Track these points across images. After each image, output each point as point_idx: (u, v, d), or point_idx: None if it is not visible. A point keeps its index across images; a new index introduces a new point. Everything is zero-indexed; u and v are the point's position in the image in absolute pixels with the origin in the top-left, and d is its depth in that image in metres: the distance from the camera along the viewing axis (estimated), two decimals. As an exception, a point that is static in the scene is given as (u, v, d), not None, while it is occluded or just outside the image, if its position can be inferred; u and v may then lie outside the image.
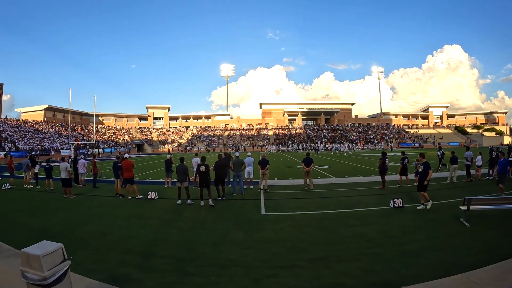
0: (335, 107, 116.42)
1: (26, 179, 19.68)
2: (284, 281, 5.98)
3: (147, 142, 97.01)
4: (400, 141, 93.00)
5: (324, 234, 8.89)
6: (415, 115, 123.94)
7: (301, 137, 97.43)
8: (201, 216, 11.35)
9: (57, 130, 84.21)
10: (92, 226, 10.18)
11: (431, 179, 11.98)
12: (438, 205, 11.97)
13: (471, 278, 5.67)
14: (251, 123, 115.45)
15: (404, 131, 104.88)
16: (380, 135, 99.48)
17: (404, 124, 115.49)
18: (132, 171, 15.06)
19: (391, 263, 6.62)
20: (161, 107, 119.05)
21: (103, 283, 5.91)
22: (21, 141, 64.49)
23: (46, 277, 3.86)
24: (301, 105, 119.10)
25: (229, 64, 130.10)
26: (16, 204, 14.16)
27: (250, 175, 17.22)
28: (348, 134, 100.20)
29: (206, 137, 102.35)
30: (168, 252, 7.63)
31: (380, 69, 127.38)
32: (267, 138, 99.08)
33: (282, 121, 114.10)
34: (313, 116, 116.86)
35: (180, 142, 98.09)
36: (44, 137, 73.78)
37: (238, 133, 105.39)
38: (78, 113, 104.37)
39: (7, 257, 7.25)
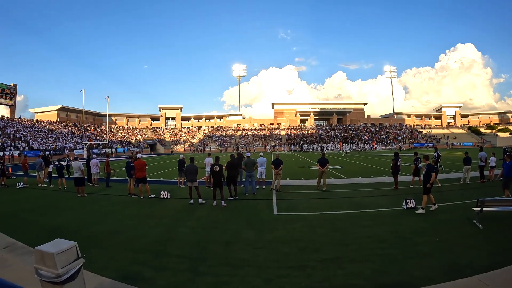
0: (347, 107, 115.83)
1: (40, 178, 19.88)
2: (296, 281, 5.95)
3: (160, 142, 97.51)
4: (413, 141, 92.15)
5: (336, 234, 8.82)
6: (428, 115, 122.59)
7: (313, 137, 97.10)
8: (214, 216, 11.36)
9: (71, 130, 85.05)
10: (105, 225, 10.25)
11: (443, 180, 11.82)
12: (451, 206, 11.86)
13: (483, 281, 5.59)
14: (263, 123, 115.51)
15: (417, 131, 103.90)
16: (393, 135, 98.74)
17: (417, 124, 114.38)
18: (145, 171, 15.15)
19: (403, 264, 6.55)
20: (174, 107, 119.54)
21: (116, 281, 5.94)
22: (35, 141, 65.20)
23: (60, 274, 3.89)
24: (313, 105, 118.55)
25: (241, 64, 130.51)
26: (30, 203, 14.31)
27: (262, 175, 17.18)
28: (361, 134, 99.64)
29: (218, 137, 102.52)
30: (180, 251, 7.64)
31: (393, 69, 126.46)
32: (279, 138, 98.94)
33: (294, 121, 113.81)
34: (325, 116, 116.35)
35: (192, 142, 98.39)
36: (58, 137, 74.56)
37: (250, 133, 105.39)
38: (91, 113, 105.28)
39: (21, 255, 7.34)
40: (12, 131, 65.72)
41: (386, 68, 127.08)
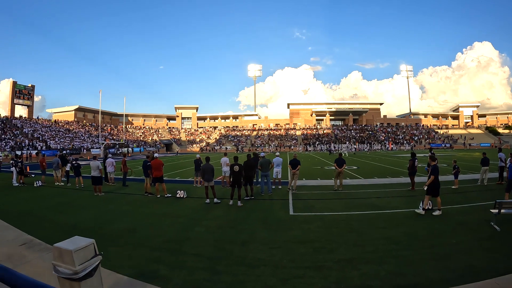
0: (363, 107, 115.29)
1: (57, 177, 20.15)
2: (311, 281, 5.91)
3: (176, 142, 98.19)
4: (429, 142, 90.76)
5: (352, 235, 8.74)
6: (445, 115, 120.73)
7: (329, 137, 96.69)
8: (230, 215, 11.36)
9: (87, 130, 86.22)
10: (122, 223, 10.34)
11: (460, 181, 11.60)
12: (468, 208, 11.65)
13: (500, 284, 5.47)
14: (279, 123, 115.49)
15: (433, 132, 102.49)
16: (409, 136, 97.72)
17: (434, 124, 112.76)
18: (161, 170, 15.26)
19: (419, 266, 6.45)
20: (189, 107, 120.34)
21: (132, 278, 5.97)
22: (52, 140, 66.16)
23: (78, 271, 3.89)
24: (329, 105, 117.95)
25: (256, 64, 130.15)
26: (48, 201, 14.49)
27: (278, 175, 17.15)
28: (377, 135, 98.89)
29: (234, 137, 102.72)
30: (196, 250, 7.65)
31: (409, 68, 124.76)
32: (295, 138, 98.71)
33: (310, 121, 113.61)
34: (341, 116, 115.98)
35: (208, 142, 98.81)
36: (75, 137, 75.62)
37: (266, 133, 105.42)
38: (107, 114, 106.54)
39: (39, 251, 7.42)
40: (30, 131, 66.81)
41: (402, 67, 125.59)
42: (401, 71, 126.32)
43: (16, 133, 62.68)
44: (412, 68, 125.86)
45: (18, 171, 19.92)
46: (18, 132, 63.97)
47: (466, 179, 19.38)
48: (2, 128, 62.54)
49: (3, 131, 61.05)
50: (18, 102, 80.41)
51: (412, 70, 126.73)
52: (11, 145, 55.32)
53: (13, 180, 20.04)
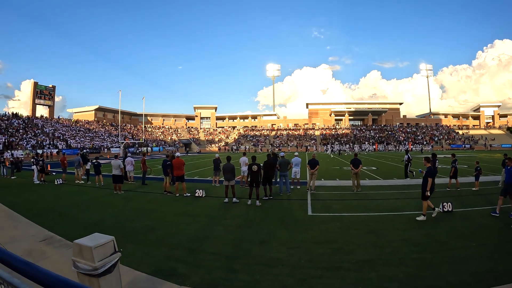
0: (383, 107, 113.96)
1: (78, 175, 20.50)
2: (329, 282, 5.86)
3: (195, 142, 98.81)
4: (450, 143, 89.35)
5: (371, 236, 8.64)
6: (465, 115, 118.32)
7: (348, 138, 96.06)
8: (248, 215, 11.37)
9: (107, 130, 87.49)
10: (141, 221, 10.42)
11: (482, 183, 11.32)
12: (489, 210, 11.33)
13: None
14: (297, 123, 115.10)
15: (454, 132, 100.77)
16: (429, 136, 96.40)
17: (454, 125, 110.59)
18: (183, 169, 15.43)
19: (439, 269, 6.33)
20: (208, 107, 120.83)
21: (150, 275, 6.02)
22: (72, 140, 67.18)
23: (97, 267, 3.94)
24: (348, 105, 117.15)
25: (275, 64, 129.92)
26: (68, 198, 14.73)
27: (297, 175, 17.10)
28: (396, 135, 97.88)
29: (253, 137, 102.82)
30: (215, 249, 7.67)
31: (429, 67, 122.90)
32: (314, 138, 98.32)
33: (329, 121, 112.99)
34: (360, 116, 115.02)
35: (227, 142, 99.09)
36: (95, 136, 76.65)
37: (284, 133, 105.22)
38: (127, 113, 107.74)
39: (59, 247, 7.54)
40: (50, 130, 67.95)
41: (422, 66, 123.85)
42: (420, 70, 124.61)
43: (37, 133, 63.88)
44: (432, 67, 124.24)
45: (39, 169, 20.31)
46: (39, 131, 65.16)
47: (487, 181, 19.03)
48: (23, 127, 63.87)
49: (25, 131, 62.34)
50: (39, 102, 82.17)
51: (432, 69, 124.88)
52: (32, 144, 56.29)
53: (34, 178, 20.48)
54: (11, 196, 15.11)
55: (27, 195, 15.63)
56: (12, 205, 12.61)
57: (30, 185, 19.41)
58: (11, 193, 16.20)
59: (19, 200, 14.20)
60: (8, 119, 64.94)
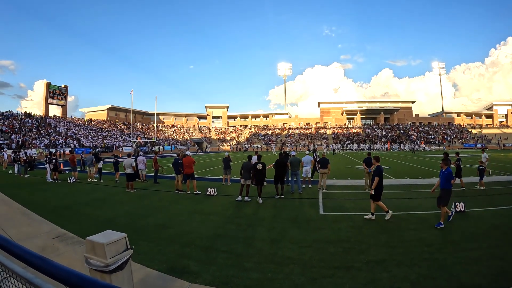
0: (395, 106, 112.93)
1: (90, 173, 20.70)
2: (340, 281, 5.84)
3: (206, 141, 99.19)
4: (462, 142, 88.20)
5: (383, 236, 8.58)
6: (478, 114, 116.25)
7: (360, 137, 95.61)
8: (260, 214, 11.38)
9: (119, 129, 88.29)
10: (154, 219, 10.49)
11: (495, 183, 11.11)
12: (503, 210, 11.22)
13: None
14: (309, 122, 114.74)
15: (466, 131, 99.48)
16: (442, 135, 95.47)
17: (467, 124, 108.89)
18: (192, 168, 15.52)
19: (451, 270, 6.25)
20: (220, 106, 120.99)
21: (162, 273, 6.06)
22: (85, 139, 67.76)
23: (109, 264, 3.96)
24: (360, 104, 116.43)
25: (286, 62, 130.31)
26: (81, 196, 14.90)
27: (308, 174, 17.06)
28: (408, 134, 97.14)
29: (265, 136, 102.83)
30: (227, 247, 7.69)
31: (441, 65, 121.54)
32: (326, 137, 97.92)
33: (340, 120, 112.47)
34: (372, 115, 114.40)
35: (238, 141, 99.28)
36: (107, 135, 77.19)
37: (296, 132, 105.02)
38: (139, 113, 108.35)
39: (71, 244, 7.64)
40: (63, 130, 68.57)
41: (434, 64, 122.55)
42: (433, 68, 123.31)
43: (50, 132, 64.51)
44: (444, 65, 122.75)
45: (52, 168, 20.51)
46: (52, 131, 65.78)
47: (501, 180, 18.83)
48: (37, 127, 64.64)
49: (38, 130, 63.12)
50: (52, 102, 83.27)
51: (445, 67, 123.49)
52: (45, 143, 56.87)
53: (47, 176, 20.70)
54: (25, 194, 15.31)
55: (41, 193, 15.82)
56: (26, 203, 12.76)
57: (43, 183, 19.64)
58: (25, 191, 16.37)
59: (32, 198, 14.39)
60: (21, 119, 65.67)
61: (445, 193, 9.65)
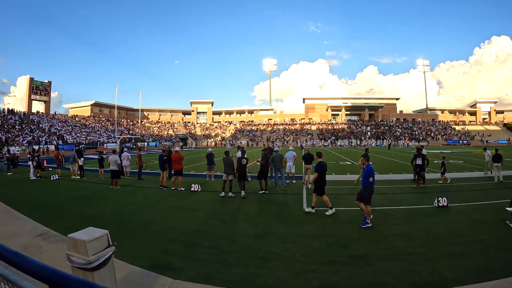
0: (379, 102, 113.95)
1: (73, 170, 20.45)
2: (324, 276, 5.90)
3: (191, 137, 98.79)
4: (446, 138, 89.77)
5: (367, 231, 8.68)
6: (462, 111, 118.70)
7: (344, 133, 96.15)
8: (244, 209, 11.41)
9: (104, 125, 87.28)
10: (138, 216, 10.46)
11: (478, 178, 11.30)
12: (485, 205, 11.47)
13: (513, 284, 5.38)
14: (294, 118, 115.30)
15: (450, 128, 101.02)
16: (425, 132, 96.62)
17: (451, 120, 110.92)
18: (181, 164, 15.61)
19: (434, 264, 6.37)
20: (205, 102, 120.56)
21: (145, 269, 6.04)
22: (68, 135, 66.98)
23: (91, 261, 3.95)
24: (345, 100, 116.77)
25: (271, 58, 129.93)
26: (65, 193, 14.75)
27: (291, 169, 17.12)
28: (392, 130, 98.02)
29: (249, 131, 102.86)
30: (210, 243, 7.71)
31: (426, 62, 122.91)
32: (311, 133, 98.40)
33: (325, 116, 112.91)
34: (357, 111, 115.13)
35: (223, 137, 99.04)
36: (91, 132, 76.39)
37: (281, 128, 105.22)
38: (123, 108, 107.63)
39: (55, 242, 7.58)
40: (47, 126, 67.66)
41: (419, 61, 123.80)
42: (417, 65, 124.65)
43: (33, 128, 63.58)
44: (429, 62, 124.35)
45: (35, 165, 20.28)
46: (35, 127, 64.88)
47: (484, 176, 19.20)
48: (19, 123, 63.50)
49: (21, 127, 62.00)
50: (35, 98, 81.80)
51: (429, 64, 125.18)
52: (28, 140, 56.09)
53: (30, 173, 20.43)
54: (8, 192, 15.09)
55: (24, 191, 15.62)
56: (9, 201, 12.57)
57: (26, 181, 19.37)
58: (7, 189, 16.17)
59: (15, 196, 14.16)
60: (4, 115, 64.66)
61: (365, 191, 9.56)
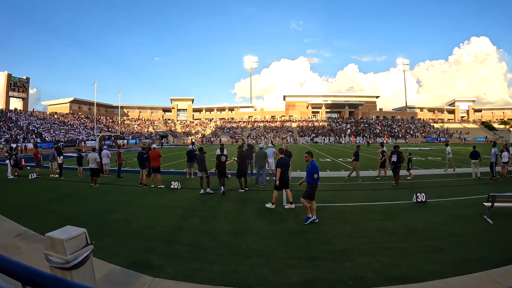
0: (359, 100, 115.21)
1: (52, 169, 20.15)
2: (304, 271, 5.96)
3: (171, 134, 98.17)
4: (425, 136, 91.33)
5: (346, 227, 8.80)
6: (441, 109, 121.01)
7: (325, 130, 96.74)
8: (224, 206, 11.44)
9: (83, 122, 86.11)
10: (118, 214, 10.39)
11: (457, 174, 11.51)
12: (463, 201, 11.76)
13: (492, 276, 5.52)
14: (274, 115, 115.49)
15: (429, 125, 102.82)
16: (405, 129, 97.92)
17: (430, 118, 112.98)
18: (159, 161, 15.52)
19: (413, 258, 6.51)
20: (185, 99, 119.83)
21: (125, 268, 5.99)
22: (47, 133, 65.91)
23: (69, 260, 3.91)
24: (325, 98, 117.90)
25: (252, 56, 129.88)
26: (43, 193, 14.49)
27: (271, 166, 17.15)
28: (372, 127, 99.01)
29: (230, 129, 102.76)
30: (190, 240, 7.71)
31: (406, 61, 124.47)
32: (291, 130, 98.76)
33: (306, 114, 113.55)
34: (337, 109, 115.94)
35: (203, 134, 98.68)
36: (70, 129, 75.29)
37: (261, 125, 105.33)
38: (103, 105, 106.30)
39: (33, 242, 7.45)
40: (25, 124, 66.53)
41: (399, 60, 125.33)
42: (397, 64, 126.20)
43: (11, 126, 62.43)
44: (408, 61, 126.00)
45: (13, 164, 19.89)
46: (13, 125, 63.72)
47: (461, 172, 19.58)
48: (-4, 121, 62.33)
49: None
50: (13, 94, 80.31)
51: (409, 63, 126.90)
52: (6, 138, 55.09)
53: (8, 173, 20.01)
54: (-16, 192, 14.75)
55: (1, 191, 15.27)
56: (-15, 201, 12.32)
57: (4, 180, 18.91)
58: (-17, 189, 15.80)
59: (-8, 195, 13.89)
60: (-20, 112, 63.43)
61: (308, 188, 9.68)
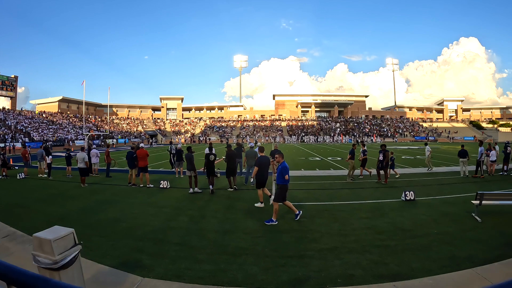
0: (349, 99, 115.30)
1: (41, 169, 19.98)
2: (293, 270, 5.99)
3: (161, 133, 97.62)
4: (414, 135, 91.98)
5: (335, 225, 8.84)
6: (429, 109, 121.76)
7: (314, 129, 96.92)
8: (213, 206, 11.43)
9: (71, 121, 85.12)
10: (107, 214, 10.32)
11: (445, 173, 11.63)
12: (451, 199, 11.91)
13: (480, 273, 5.62)
14: (264, 114, 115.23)
15: (418, 125, 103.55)
16: (394, 128, 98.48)
17: (419, 118, 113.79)
18: (146, 160, 15.45)
19: (402, 256, 6.57)
20: (175, 98, 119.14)
21: (114, 268, 5.98)
22: (35, 132, 65.28)
23: (57, 261, 3.90)
24: (315, 97, 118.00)
25: (242, 55, 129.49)
26: (32, 193, 14.32)
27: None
28: (361, 127, 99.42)
29: (220, 128, 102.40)
30: (179, 240, 7.70)
31: (395, 61, 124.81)
32: (280, 130, 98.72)
33: (295, 113, 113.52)
34: (327, 108, 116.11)
35: (193, 133, 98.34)
36: (59, 128, 74.58)
37: (251, 124, 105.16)
38: (92, 104, 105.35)
39: (21, 243, 7.41)
40: (13, 123, 65.82)
41: (388, 60, 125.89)
42: (387, 64, 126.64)
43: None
44: (398, 61, 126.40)
45: (0, 164, 19.67)
46: (1, 124, 63.02)
47: (449, 171, 19.80)
48: (-16, 120, 61.62)
49: (-15, 124, 60.14)
50: (1, 93, 79.11)
51: (398, 63, 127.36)
52: (-7, 137, 54.55)
53: (-5, 173, 19.84)
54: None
55: (-12, 191, 15.15)
56: (-28, 202, 12.20)
57: (-9, 180, 18.83)
58: (-30, 189, 15.62)
59: (-22, 195, 13.74)
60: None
61: (279, 190, 9.47)
